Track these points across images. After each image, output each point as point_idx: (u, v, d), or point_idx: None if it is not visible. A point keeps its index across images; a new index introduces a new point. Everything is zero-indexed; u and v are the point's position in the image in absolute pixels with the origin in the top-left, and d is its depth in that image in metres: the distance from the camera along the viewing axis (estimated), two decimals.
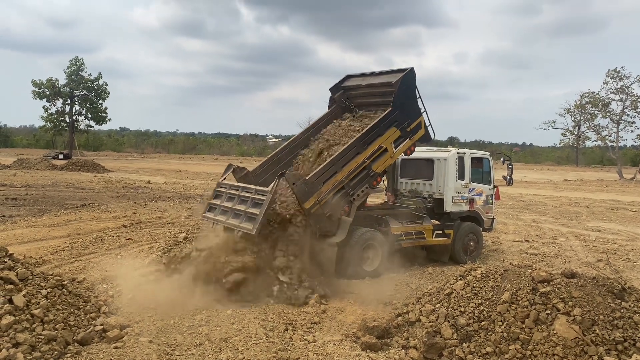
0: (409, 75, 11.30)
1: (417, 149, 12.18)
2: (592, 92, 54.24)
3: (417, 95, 11.49)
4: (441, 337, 6.35)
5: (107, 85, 64.93)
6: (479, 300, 6.64)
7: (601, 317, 5.94)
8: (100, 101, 63.73)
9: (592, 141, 59.30)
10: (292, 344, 6.87)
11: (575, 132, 63.30)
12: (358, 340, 6.90)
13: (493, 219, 13.34)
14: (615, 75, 50.98)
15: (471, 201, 12.59)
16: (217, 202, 10.59)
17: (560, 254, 13.46)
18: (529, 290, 6.44)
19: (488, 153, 13.44)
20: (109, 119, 66.28)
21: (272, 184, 9.33)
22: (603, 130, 54.20)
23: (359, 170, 10.50)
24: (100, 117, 64.04)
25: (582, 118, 59.22)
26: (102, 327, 6.72)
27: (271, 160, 12.04)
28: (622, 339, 5.68)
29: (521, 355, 5.86)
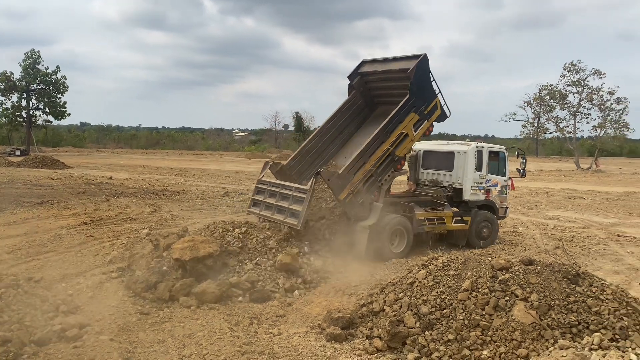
0: (422, 61, 11.86)
1: (437, 142, 13.88)
2: (551, 85, 55.72)
3: (432, 79, 12.14)
4: (404, 326, 6.44)
5: (65, 79, 62.78)
6: (441, 289, 6.77)
7: (557, 302, 6.13)
8: (59, 95, 61.60)
9: (551, 132, 60.91)
10: (257, 337, 6.85)
11: (535, 124, 64.95)
12: (323, 332, 6.94)
13: (507, 207, 14.22)
14: (572, 69, 52.52)
15: (487, 191, 13.45)
16: (259, 198, 11.90)
17: (520, 242, 13.82)
18: (488, 278, 6.59)
19: (504, 147, 14.36)
20: (69, 114, 64.15)
21: (310, 182, 10.50)
22: (561, 122, 55.84)
23: (384, 157, 11.55)
24: (58, 111, 61.94)
25: (541, 110, 60.73)
26: (60, 326, 6.54)
27: (302, 151, 13.05)
28: (577, 322, 5.88)
29: (481, 341, 6.00)
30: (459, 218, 12.85)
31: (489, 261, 6.95)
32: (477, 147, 13.30)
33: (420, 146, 14.30)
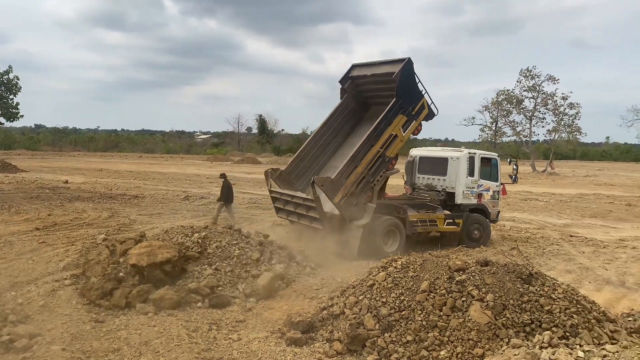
0: (407, 65, 12.39)
1: (432, 148, 15.05)
2: (508, 90, 57.25)
3: (417, 80, 12.63)
4: (364, 328, 6.47)
5: (18, 79, 60.34)
6: (400, 291, 6.83)
7: (511, 301, 6.28)
8: (11, 96, 59.19)
9: (508, 136, 62.48)
10: (216, 343, 6.76)
11: (493, 128, 66.56)
12: (283, 336, 6.89)
13: (499, 212, 14.89)
14: (527, 74, 54.13)
15: (479, 195, 14.12)
16: (279, 205, 13.18)
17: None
18: (446, 279, 6.70)
19: (496, 154, 15.09)
20: (22, 116, 61.71)
21: (312, 191, 11.35)
22: (518, 126, 57.43)
23: (375, 159, 12.10)
24: (11, 113, 59.49)
25: (499, 114, 62.31)
26: (8, 337, 6.29)
27: (299, 156, 13.65)
28: (530, 321, 6.04)
29: (439, 342, 6.09)
30: (451, 220, 13.44)
31: (447, 262, 7.06)
32: (469, 153, 14.01)
33: (417, 152, 15.28)
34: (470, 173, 13.86)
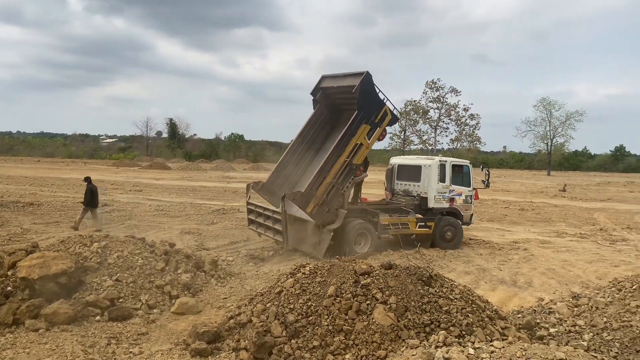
0: (365, 78, 13.02)
1: (409, 156, 16.45)
2: (415, 101, 60.13)
3: (377, 90, 13.28)
4: (271, 335, 6.43)
5: None
6: (308, 296, 6.87)
7: (413, 303, 6.53)
8: None
9: (415, 144, 65.59)
10: (115, 358, 6.40)
11: (402, 137, 69.47)
12: (188, 348, 6.69)
13: (472, 215, 15.91)
14: (432, 86, 57.28)
15: (451, 200, 15.14)
16: (252, 217, 14.14)
17: (385, 248, 14.59)
18: (351, 283, 6.83)
19: (468, 161, 16.11)
20: None
21: (280, 205, 12.47)
22: (424, 135, 60.49)
23: (343, 168, 12.93)
24: None
25: (407, 124, 65.13)
26: None
27: (279, 166, 14.36)
28: (430, 322, 6.30)
29: (344, 345, 6.18)
30: (423, 223, 14.50)
31: (353, 267, 7.21)
32: (440, 161, 15.23)
33: (396, 160, 16.52)
34: (442, 179, 14.92)
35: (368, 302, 6.55)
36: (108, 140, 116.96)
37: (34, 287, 7.81)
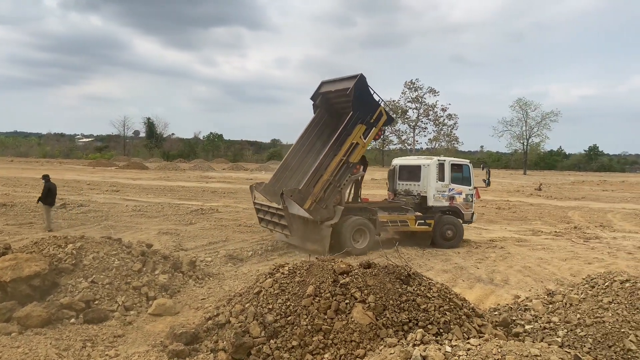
0: (359, 81, 13.60)
1: (410, 157, 17.07)
2: (394, 101, 60.52)
3: (372, 92, 13.82)
4: (250, 336, 6.39)
5: None
6: (286, 296, 6.85)
7: (391, 301, 6.55)
8: None
9: (394, 144, 66.04)
10: None
11: (381, 136, 69.83)
12: (165, 349, 6.61)
13: (473, 213, 16.05)
14: (411, 86, 57.74)
15: (451, 198, 15.43)
16: (261, 215, 14.58)
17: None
18: (330, 283, 6.83)
19: (468, 161, 16.44)
20: None
21: (281, 202, 12.83)
22: (402, 135, 60.93)
23: (340, 166, 13.39)
24: None
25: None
26: None
27: (281, 168, 15.02)
28: (408, 320, 6.33)
29: (323, 345, 6.17)
30: (422, 221, 14.77)
31: (332, 266, 7.21)
32: (438, 160, 15.54)
33: (398, 161, 16.98)
34: (441, 178, 15.28)
35: (347, 301, 6.55)
36: (84, 140, 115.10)
37: (6, 289, 7.65)
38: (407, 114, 59.28)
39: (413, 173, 15.93)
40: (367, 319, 6.29)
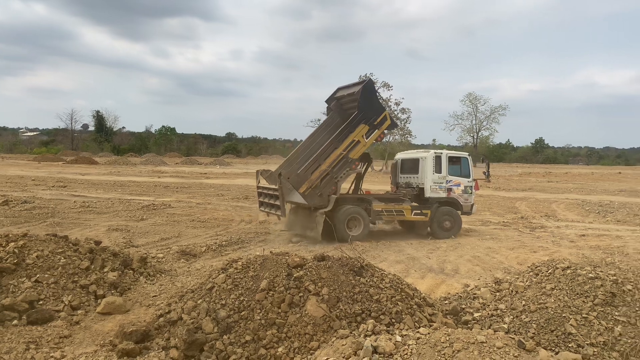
0: (367, 85, 15.20)
1: (411, 151, 17.98)
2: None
3: (379, 97, 14.82)
4: (202, 332, 6.31)
5: None
6: (240, 291, 6.79)
7: (344, 293, 6.62)
8: None
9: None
10: None
11: None
12: (114, 349, 6.43)
13: (472, 205, 16.52)
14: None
15: (449, 190, 16.01)
16: (261, 199, 15.47)
17: (321, 240, 14.73)
18: (284, 276, 6.82)
19: (467, 153, 16.94)
20: None
21: (278, 183, 13.67)
22: None
23: (339, 160, 14.31)
24: None
25: None
26: None
27: (289, 159, 15.78)
28: (361, 311, 6.42)
29: (277, 338, 6.17)
30: (419, 211, 15.50)
31: (285, 260, 7.20)
32: (435, 153, 16.23)
33: (400, 156, 17.74)
34: (438, 170, 15.87)
35: (301, 294, 6.57)
36: (29, 134, 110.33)
37: None
38: None
39: (412, 166, 16.58)
40: (321, 311, 6.33)
